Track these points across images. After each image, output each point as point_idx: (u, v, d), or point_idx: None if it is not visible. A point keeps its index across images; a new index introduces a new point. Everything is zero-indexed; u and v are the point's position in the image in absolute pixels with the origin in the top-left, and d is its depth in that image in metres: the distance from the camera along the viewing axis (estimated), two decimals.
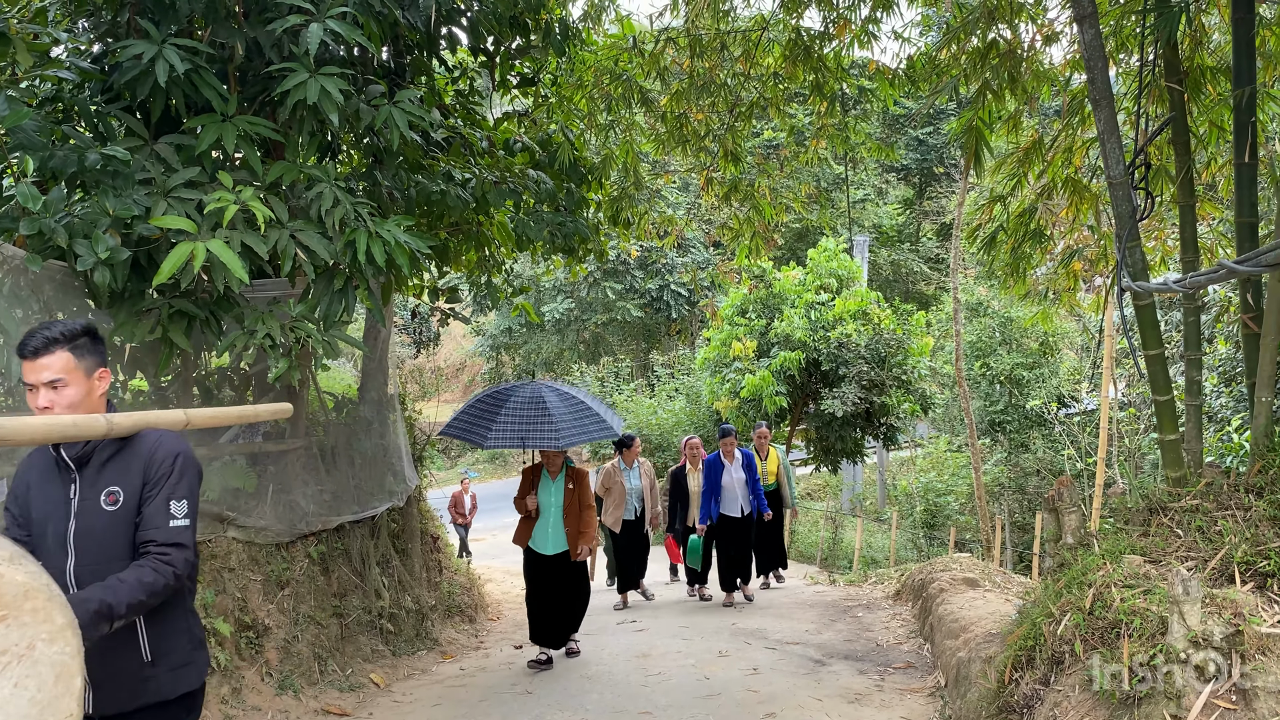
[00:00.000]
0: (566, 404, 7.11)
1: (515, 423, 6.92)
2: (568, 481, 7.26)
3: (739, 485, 9.56)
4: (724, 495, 9.61)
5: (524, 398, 7.12)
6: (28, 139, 4.37)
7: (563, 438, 6.80)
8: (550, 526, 7.21)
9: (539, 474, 7.32)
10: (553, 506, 7.22)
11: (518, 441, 6.77)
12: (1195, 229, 5.32)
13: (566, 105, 8.75)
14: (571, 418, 7.00)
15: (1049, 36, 6.92)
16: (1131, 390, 16.68)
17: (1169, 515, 4.57)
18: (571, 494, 7.25)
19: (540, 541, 7.25)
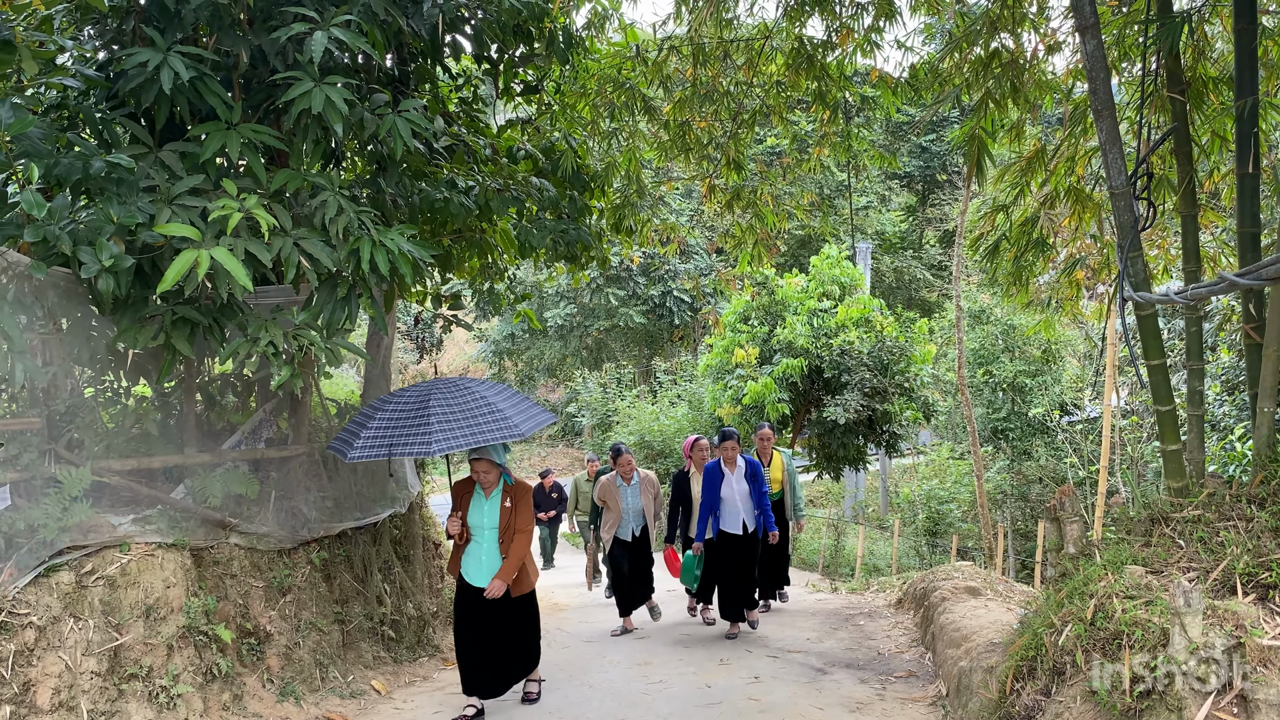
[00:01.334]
0: (457, 403, 5.86)
1: (387, 429, 5.70)
2: (504, 499, 6.12)
3: (741, 498, 8.12)
4: (724, 509, 8.20)
5: (408, 400, 5.97)
6: (33, 146, 4.39)
7: (436, 442, 5.51)
8: (484, 553, 6.07)
9: (470, 490, 6.18)
10: (485, 529, 6.09)
11: (384, 451, 5.56)
12: (1198, 239, 5.33)
13: (570, 113, 8.77)
14: (460, 418, 5.76)
15: (1051, 46, 6.93)
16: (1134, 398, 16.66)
17: (1171, 525, 4.57)
18: (509, 514, 6.11)
19: (473, 570, 6.12)
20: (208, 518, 5.96)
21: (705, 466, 8.33)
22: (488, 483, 6.10)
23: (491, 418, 5.80)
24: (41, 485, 5.09)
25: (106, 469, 5.54)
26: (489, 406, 5.88)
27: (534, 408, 6.38)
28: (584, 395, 35.64)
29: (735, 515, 8.20)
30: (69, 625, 4.76)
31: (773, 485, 9.22)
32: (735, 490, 8.13)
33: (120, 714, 4.84)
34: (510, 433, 5.68)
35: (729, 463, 8.21)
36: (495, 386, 6.28)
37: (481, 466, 6.03)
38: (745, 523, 8.17)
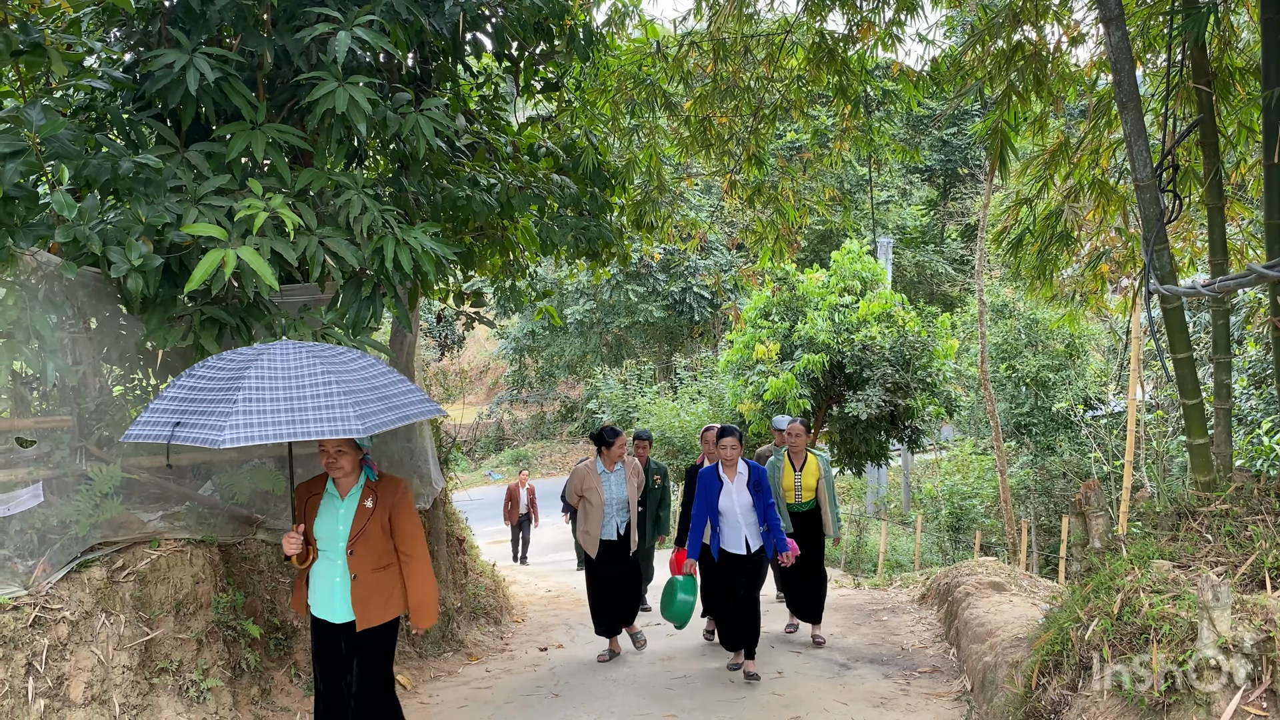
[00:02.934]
0: (284, 377, 3.92)
1: (180, 403, 3.88)
2: (365, 498, 4.49)
3: (743, 511, 6.79)
4: (723, 524, 6.90)
5: (223, 367, 4.06)
6: (63, 148, 4.44)
7: (232, 429, 3.64)
8: (337, 576, 4.44)
9: (319, 490, 4.55)
10: (339, 542, 4.43)
11: (165, 431, 3.77)
12: (1224, 231, 5.29)
13: (590, 110, 8.78)
14: (281, 400, 3.83)
15: (1075, 38, 6.88)
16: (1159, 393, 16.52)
17: (1198, 520, 4.54)
18: (370, 519, 4.44)
19: (322, 600, 4.48)
20: (235, 514, 6.02)
21: (700, 472, 7.03)
22: (344, 478, 4.48)
23: (327, 403, 3.86)
24: (73, 482, 5.15)
25: (136, 466, 5.60)
26: (329, 387, 3.90)
27: (407, 394, 4.26)
28: (604, 392, 35.66)
29: (736, 532, 6.83)
30: (101, 620, 4.83)
31: (805, 493, 7.87)
32: (735, 502, 6.78)
33: (151, 708, 4.90)
34: (345, 427, 3.76)
35: (728, 467, 6.86)
36: (358, 358, 4.31)
37: (333, 444, 4.33)
38: (748, 540, 6.81)
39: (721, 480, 6.84)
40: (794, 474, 7.92)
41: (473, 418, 41.15)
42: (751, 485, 6.82)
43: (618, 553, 7.54)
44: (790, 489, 7.90)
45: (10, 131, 4.29)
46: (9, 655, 4.33)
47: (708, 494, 6.82)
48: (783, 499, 7.85)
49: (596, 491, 7.44)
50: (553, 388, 42.29)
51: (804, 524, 7.88)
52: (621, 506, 7.51)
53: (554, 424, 42.59)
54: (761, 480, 6.85)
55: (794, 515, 7.88)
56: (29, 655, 4.41)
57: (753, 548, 6.83)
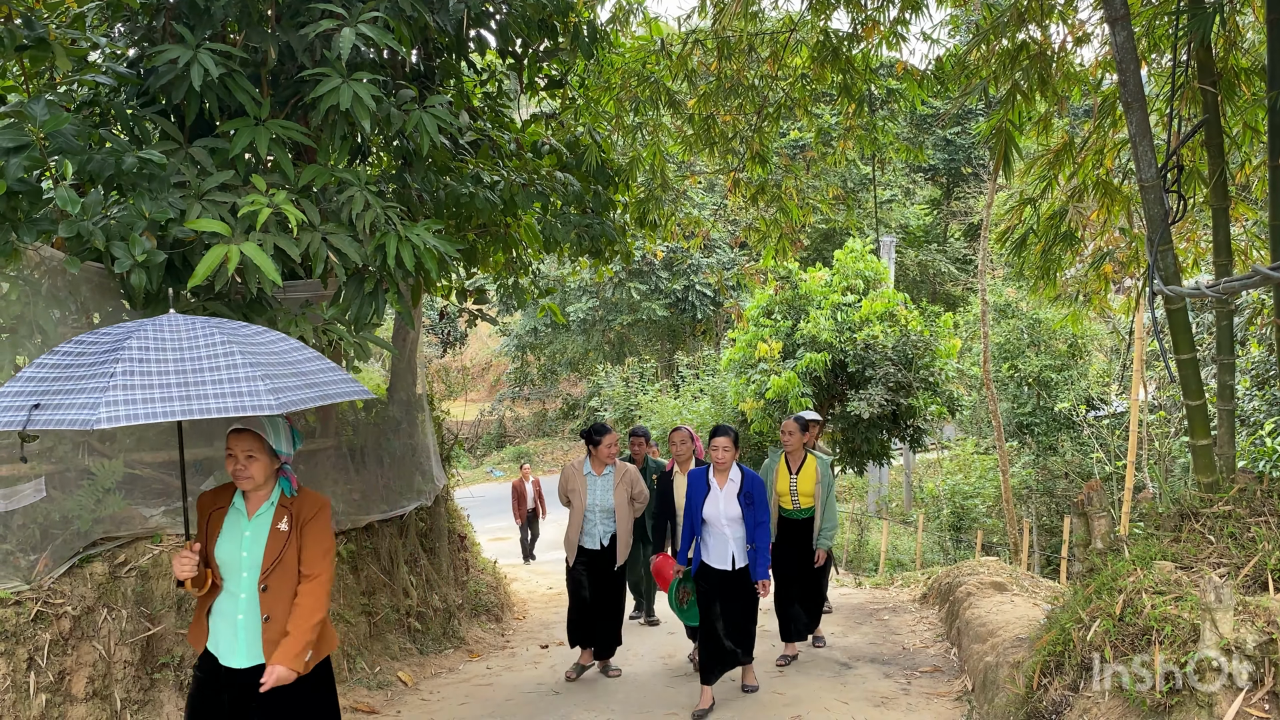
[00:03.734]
0: (174, 349, 3.16)
1: (35, 383, 3.08)
2: (279, 519, 3.62)
3: (730, 523, 6.02)
4: (708, 535, 6.13)
5: (99, 341, 3.25)
6: (67, 143, 4.44)
7: (109, 408, 2.88)
8: (241, 613, 3.56)
9: (224, 503, 3.67)
10: (242, 572, 3.57)
11: (18, 418, 2.97)
12: (1229, 232, 5.28)
13: (594, 107, 8.78)
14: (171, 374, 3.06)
15: (1080, 38, 6.87)
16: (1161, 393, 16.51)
17: (1200, 521, 4.54)
18: (287, 546, 3.60)
19: (225, 641, 3.58)
20: None
21: (689, 474, 6.28)
22: (255, 488, 3.60)
23: (230, 375, 3.10)
24: (75, 477, 5.16)
25: (138, 461, 5.61)
26: (230, 359, 3.16)
27: (327, 372, 3.55)
28: (606, 389, 35.68)
29: (723, 545, 6.10)
30: (103, 615, 4.84)
31: (802, 499, 7.18)
32: (721, 511, 6.01)
33: (153, 703, 4.91)
34: (255, 403, 3.03)
35: (719, 471, 6.09)
36: (265, 332, 3.60)
37: (242, 446, 3.52)
38: (735, 556, 6.07)
39: (710, 484, 6.08)
40: (789, 477, 7.20)
41: (475, 415, 41.17)
42: (743, 496, 6.03)
43: (599, 565, 6.81)
44: (785, 494, 7.21)
45: (14, 126, 4.29)
46: (11, 650, 4.33)
47: (694, 498, 6.11)
48: (776, 504, 7.20)
49: (580, 495, 6.82)
50: (555, 385, 42.31)
51: (801, 533, 7.25)
52: (606, 514, 6.78)
53: (556, 421, 42.61)
54: (754, 493, 6.06)
55: (790, 523, 7.24)
56: (31, 650, 4.42)
57: (739, 564, 6.08)
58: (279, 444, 3.61)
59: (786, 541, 7.25)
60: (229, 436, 3.56)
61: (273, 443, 3.57)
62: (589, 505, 6.79)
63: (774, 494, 7.20)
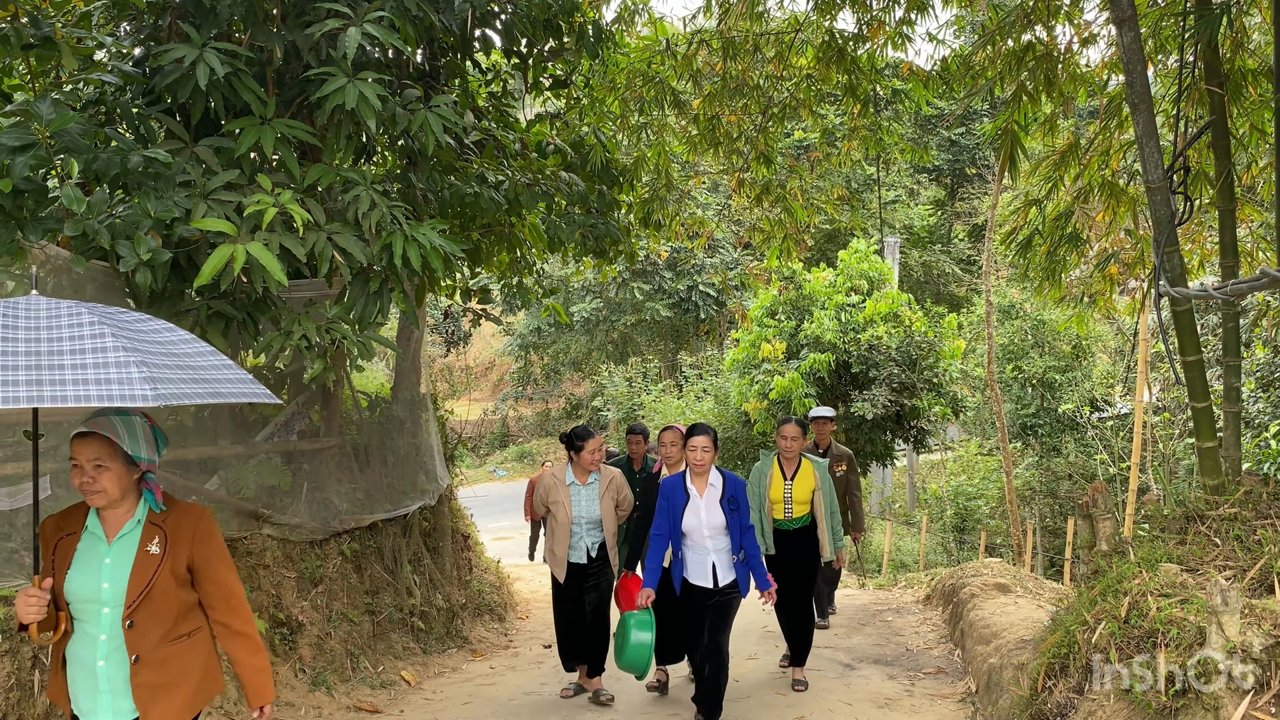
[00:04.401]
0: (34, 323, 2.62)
1: None
2: (148, 540, 2.99)
3: (712, 532, 5.46)
4: (687, 548, 5.55)
5: None
6: (73, 141, 4.44)
7: None
8: (102, 658, 2.91)
9: (77, 525, 3.02)
10: (103, 608, 2.92)
11: None
12: (1235, 233, 5.27)
13: (599, 107, 8.78)
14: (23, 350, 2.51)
15: (1086, 39, 6.86)
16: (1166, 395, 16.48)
17: (1206, 523, 4.53)
18: (159, 572, 2.97)
19: (85, 697, 2.95)
20: (241, 509, 6.03)
21: (663, 482, 5.63)
22: (103, 502, 2.94)
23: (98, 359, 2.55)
24: None
25: None
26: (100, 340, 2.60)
27: (222, 370, 2.89)
28: (610, 389, 35.68)
29: (703, 558, 5.49)
30: None
31: (797, 507, 6.45)
32: (703, 521, 5.44)
33: None
34: (127, 392, 2.46)
35: (697, 476, 5.50)
36: (150, 320, 2.98)
37: (88, 453, 2.89)
38: (716, 571, 5.46)
39: (688, 491, 5.48)
40: (784, 483, 6.46)
41: (478, 414, 41.18)
42: (725, 501, 5.45)
43: (590, 579, 6.31)
44: (779, 501, 6.46)
45: (20, 125, 4.30)
46: (15, 648, 4.34)
47: (670, 508, 5.48)
48: (768, 514, 6.47)
49: (564, 506, 6.21)
50: (558, 385, 42.30)
51: (794, 544, 6.47)
52: (593, 525, 6.26)
53: (559, 421, 42.57)
54: (739, 496, 5.51)
55: (783, 534, 6.47)
56: (35, 648, 4.42)
57: (722, 580, 5.45)
58: (137, 449, 2.90)
59: (777, 556, 6.42)
60: (71, 442, 2.89)
61: (128, 447, 2.88)
62: (574, 517, 6.21)
63: (764, 501, 6.45)
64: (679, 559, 5.56)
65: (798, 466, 6.49)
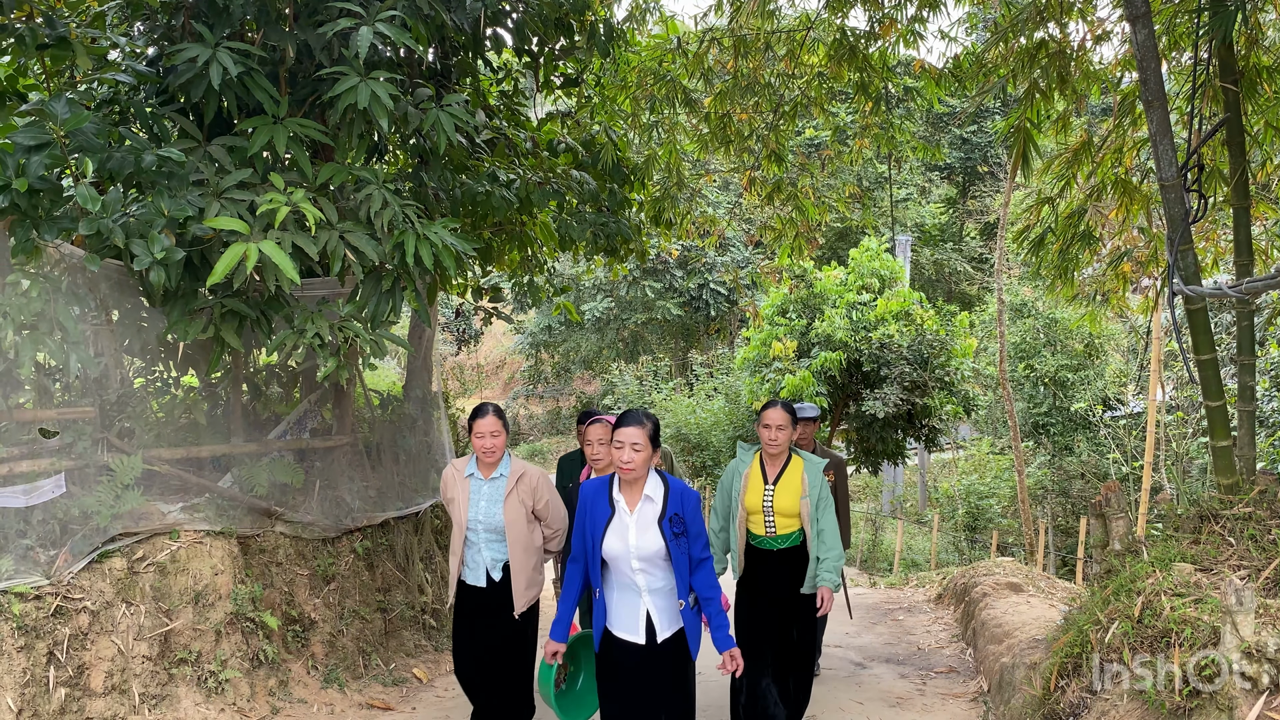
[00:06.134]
0: None
1: None
2: None
3: (644, 563, 3.82)
4: (610, 583, 3.95)
5: None
6: (87, 141, 4.47)
7: None
8: None
9: None
10: None
11: None
12: (1250, 231, 5.24)
13: (610, 106, 8.78)
14: None
15: (1100, 36, 6.83)
16: (1179, 394, 16.39)
17: (1220, 523, 4.51)
18: None
19: None
20: (254, 506, 6.05)
21: (582, 487, 4.04)
22: None
23: None
24: (95, 473, 5.20)
25: (157, 458, 5.64)
26: None
27: None
28: (620, 388, 35.68)
29: (631, 601, 3.87)
30: (121, 610, 4.87)
31: (782, 520, 4.88)
32: (631, 546, 3.78)
33: (170, 698, 4.94)
34: None
35: (627, 484, 3.85)
36: None
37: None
38: (651, 620, 3.83)
39: (614, 503, 3.84)
40: (764, 488, 4.91)
41: None
42: (667, 522, 3.77)
43: (490, 610, 4.71)
44: (756, 511, 4.92)
45: (36, 124, 4.33)
46: (31, 644, 4.37)
47: (590, 522, 3.86)
48: (741, 527, 4.96)
49: (459, 505, 4.74)
50: (568, 383, 42.32)
51: (777, 570, 4.93)
52: (494, 535, 4.67)
53: (569, 419, 42.60)
54: (687, 515, 3.80)
55: (763, 557, 4.96)
56: (50, 644, 4.45)
57: (661, 633, 3.81)
58: None
59: (756, 583, 5.00)
60: None
61: None
62: (470, 520, 4.69)
63: (740, 511, 4.98)
64: (599, 600, 3.90)
65: (785, 465, 4.94)
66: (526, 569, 4.69)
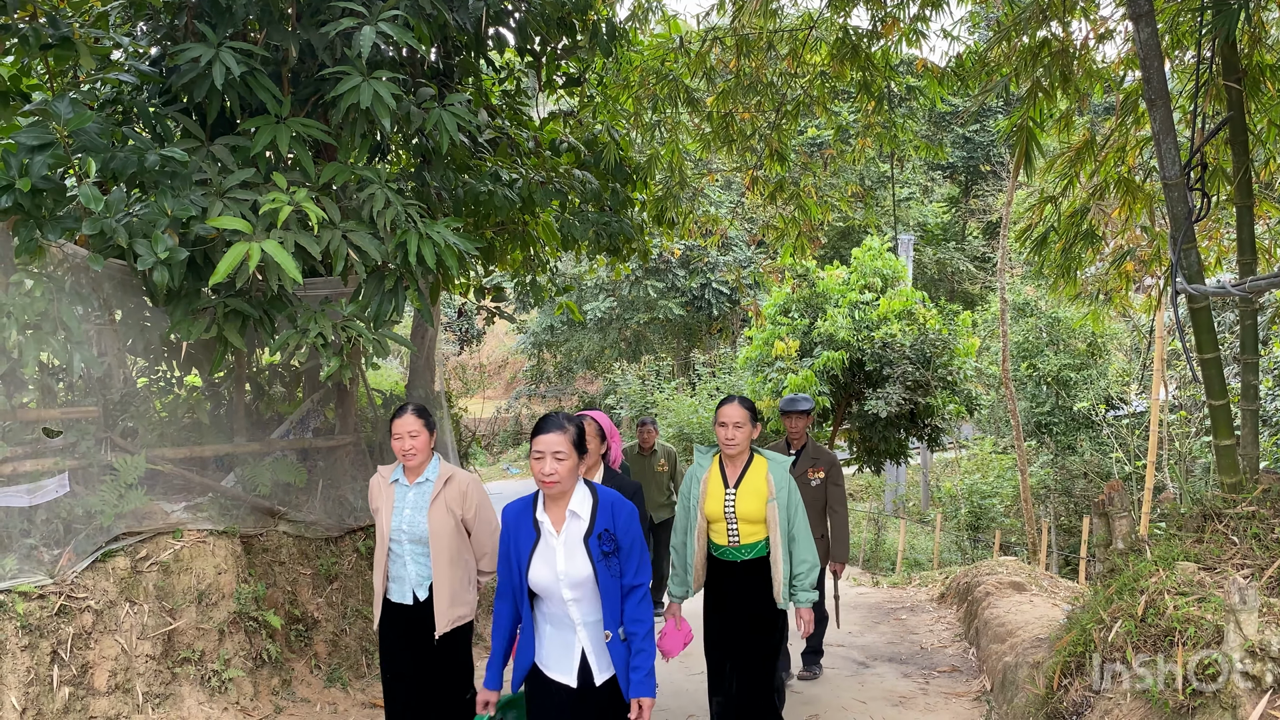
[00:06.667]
0: None
1: None
2: None
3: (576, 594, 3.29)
4: (540, 616, 3.44)
5: None
6: (90, 141, 4.48)
7: None
8: None
9: None
10: None
11: None
12: (1253, 230, 5.23)
13: (612, 105, 8.78)
14: None
15: (1102, 34, 6.82)
16: (1182, 393, 16.38)
17: (1224, 522, 4.50)
18: None
19: None
20: (257, 506, 6.06)
21: (504, 510, 3.48)
22: None
23: None
24: (98, 473, 5.21)
25: (160, 457, 5.65)
26: None
27: None
28: (622, 387, 35.68)
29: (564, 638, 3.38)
30: (125, 609, 4.88)
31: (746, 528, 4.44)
32: (559, 574, 3.28)
33: (174, 697, 4.95)
34: None
35: (553, 500, 3.33)
36: None
37: None
38: (589, 658, 3.35)
39: (538, 525, 3.32)
40: (724, 493, 4.46)
41: (491, 412, 41.26)
42: (596, 539, 3.24)
43: (418, 633, 4.25)
44: (717, 519, 4.48)
45: (39, 125, 4.34)
46: (35, 643, 4.37)
47: (513, 554, 3.35)
48: (700, 538, 4.51)
49: (382, 514, 4.32)
50: (571, 383, 42.33)
51: (745, 586, 4.48)
52: (418, 548, 4.24)
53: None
54: (619, 530, 3.27)
55: (727, 569, 4.52)
56: (54, 643, 4.46)
57: (598, 676, 3.34)
58: None
59: (720, 599, 4.58)
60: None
61: None
62: (393, 530, 4.27)
63: (700, 520, 4.50)
64: (527, 634, 3.41)
65: (746, 467, 4.49)
66: (451, 584, 4.21)
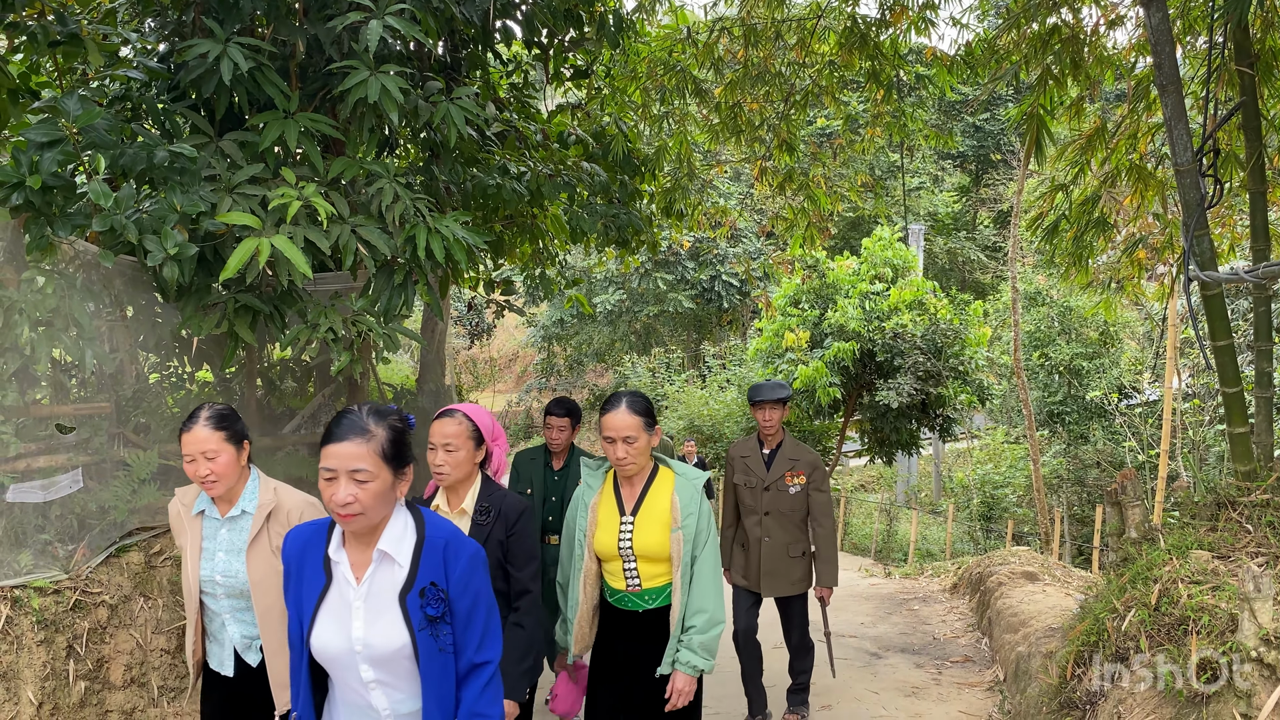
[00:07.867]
0: None
1: None
2: None
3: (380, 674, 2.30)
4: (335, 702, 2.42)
5: None
6: (99, 137, 4.49)
7: None
8: None
9: None
10: None
11: None
12: (1266, 216, 5.19)
13: (620, 97, 8.76)
14: None
15: (1113, 20, 6.76)
16: (1196, 381, 16.29)
17: (1238, 510, 4.47)
18: None
19: None
20: None
21: (286, 539, 2.45)
22: None
23: None
24: (111, 468, 5.22)
25: (172, 452, 5.66)
26: None
27: None
28: (633, 380, 35.68)
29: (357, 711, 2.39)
30: (139, 604, 4.90)
31: (646, 567, 3.44)
32: (355, 639, 2.28)
33: (188, 690, 4.97)
34: None
35: (356, 541, 2.36)
36: None
37: None
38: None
39: (329, 566, 2.38)
40: (619, 521, 3.47)
41: (502, 405, 41.33)
42: (415, 595, 2.31)
43: (248, 711, 3.28)
44: (613, 557, 3.48)
45: (48, 121, 4.34)
46: (50, 638, 4.40)
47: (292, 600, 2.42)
48: (593, 581, 3.55)
49: (188, 557, 3.31)
50: (581, 376, 42.34)
51: (643, 648, 3.49)
52: (238, 602, 3.26)
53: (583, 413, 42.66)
54: (454, 578, 2.36)
55: (627, 620, 3.52)
56: (70, 638, 4.49)
57: None
58: None
59: (609, 665, 3.64)
60: None
61: None
62: (204, 579, 3.28)
63: (587, 559, 3.51)
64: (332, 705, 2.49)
65: (647, 487, 3.46)
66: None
